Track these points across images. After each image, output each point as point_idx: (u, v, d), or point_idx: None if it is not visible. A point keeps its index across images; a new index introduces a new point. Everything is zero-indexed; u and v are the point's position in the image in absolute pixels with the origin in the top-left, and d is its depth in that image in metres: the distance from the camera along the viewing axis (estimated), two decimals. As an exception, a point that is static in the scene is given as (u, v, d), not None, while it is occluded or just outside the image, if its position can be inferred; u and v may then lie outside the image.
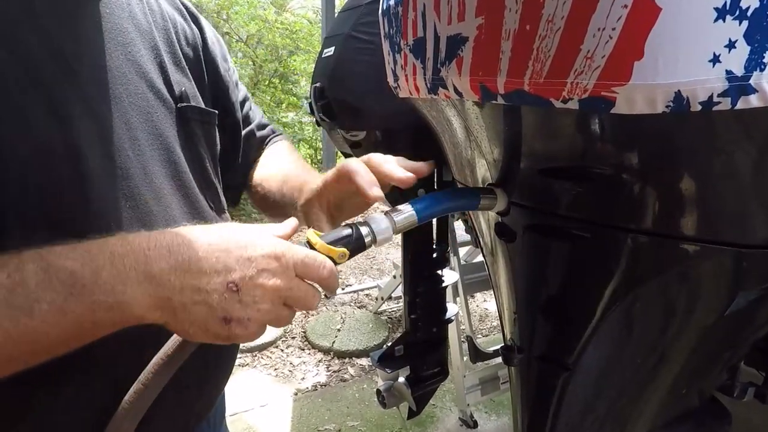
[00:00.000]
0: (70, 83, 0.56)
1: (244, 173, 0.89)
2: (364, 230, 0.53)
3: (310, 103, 1.18)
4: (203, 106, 0.74)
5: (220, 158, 0.80)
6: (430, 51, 0.54)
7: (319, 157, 5.74)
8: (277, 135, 0.96)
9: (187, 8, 0.78)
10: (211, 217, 0.71)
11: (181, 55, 0.72)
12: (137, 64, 0.64)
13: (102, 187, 0.57)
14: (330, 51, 1.08)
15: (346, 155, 1.29)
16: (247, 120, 0.89)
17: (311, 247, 0.51)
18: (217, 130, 0.78)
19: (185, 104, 0.69)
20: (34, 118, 0.53)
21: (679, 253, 0.52)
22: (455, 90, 0.52)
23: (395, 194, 1.25)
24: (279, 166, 0.88)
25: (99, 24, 0.61)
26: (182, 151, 0.68)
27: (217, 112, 0.77)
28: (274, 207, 0.82)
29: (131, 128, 0.61)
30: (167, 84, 0.67)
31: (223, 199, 0.78)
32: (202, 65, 0.77)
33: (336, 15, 1.44)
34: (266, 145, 0.93)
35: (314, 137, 5.65)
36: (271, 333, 2.85)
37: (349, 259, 0.52)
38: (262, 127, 0.94)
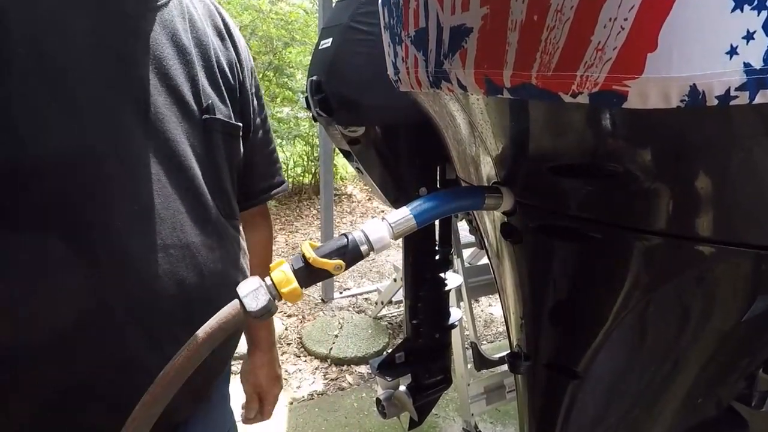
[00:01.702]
0: (99, 95, 0.64)
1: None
2: (360, 239, 0.54)
3: (307, 98, 1.18)
4: (231, 119, 0.81)
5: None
6: (433, 42, 0.54)
7: (315, 155, 5.74)
8: (268, 193, 1.01)
9: (227, 27, 0.87)
10: (220, 222, 0.78)
11: (216, 71, 0.80)
12: (168, 77, 0.71)
13: (113, 190, 0.64)
14: (327, 43, 1.08)
15: (344, 152, 1.29)
16: (255, 147, 0.95)
17: (305, 260, 0.53)
18: (240, 141, 0.85)
19: (210, 116, 0.76)
20: (57, 125, 0.60)
21: (694, 255, 0.52)
22: (459, 83, 0.52)
23: (395, 193, 1.26)
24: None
25: (142, 41, 0.69)
26: (199, 159, 0.75)
27: (241, 125, 0.84)
28: None
29: (150, 137, 0.68)
30: (196, 96, 0.75)
31: (235, 205, 0.85)
32: (236, 83, 0.85)
33: (333, 5, 1.44)
34: (254, 200, 0.98)
35: (311, 133, 5.65)
36: (265, 339, 2.85)
37: (345, 269, 0.53)
38: (265, 169, 0.99)
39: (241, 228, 0.87)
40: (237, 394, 1.08)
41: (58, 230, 0.61)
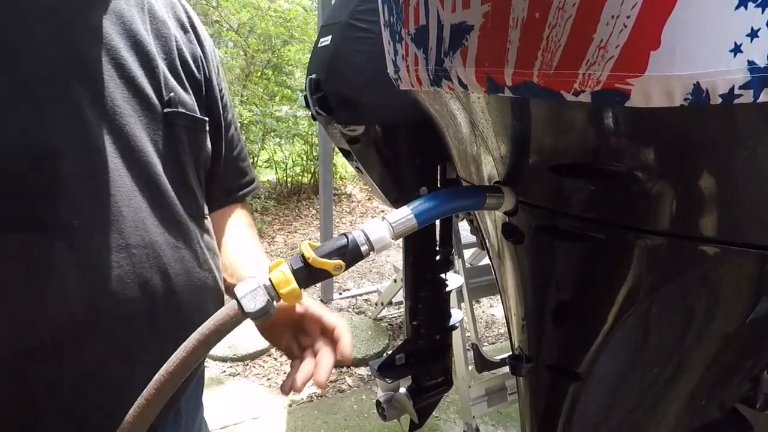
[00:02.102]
0: (57, 88, 0.63)
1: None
2: (360, 239, 0.54)
3: (306, 96, 1.18)
4: (196, 112, 0.79)
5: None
6: (433, 40, 0.53)
7: (314, 154, 5.74)
8: (245, 189, 1.01)
9: (190, 21, 0.86)
10: (184, 221, 0.75)
11: (179, 63, 0.78)
12: (125, 69, 0.70)
13: (70, 187, 0.62)
14: (326, 40, 1.08)
15: (344, 151, 1.29)
16: (228, 144, 0.95)
17: (304, 260, 0.53)
18: (207, 136, 0.83)
19: (173, 110, 0.74)
20: (17, 122, 0.59)
21: (698, 255, 0.52)
22: (460, 82, 0.52)
23: (395, 193, 1.26)
24: (234, 248, 0.94)
25: (95, 33, 0.67)
26: (162, 155, 0.73)
27: (207, 119, 0.82)
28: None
29: (109, 132, 0.66)
30: (157, 89, 0.73)
31: (202, 203, 0.82)
32: (202, 77, 0.84)
33: (333, 2, 1.44)
34: (231, 197, 0.98)
35: (310, 132, 5.65)
36: (263, 341, 2.85)
37: (345, 270, 0.54)
38: (238, 166, 0.99)
39: (210, 227, 0.84)
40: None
41: (18, 231, 0.59)
